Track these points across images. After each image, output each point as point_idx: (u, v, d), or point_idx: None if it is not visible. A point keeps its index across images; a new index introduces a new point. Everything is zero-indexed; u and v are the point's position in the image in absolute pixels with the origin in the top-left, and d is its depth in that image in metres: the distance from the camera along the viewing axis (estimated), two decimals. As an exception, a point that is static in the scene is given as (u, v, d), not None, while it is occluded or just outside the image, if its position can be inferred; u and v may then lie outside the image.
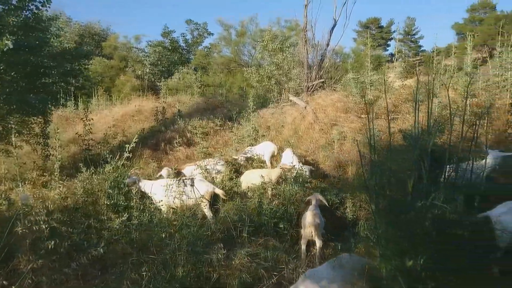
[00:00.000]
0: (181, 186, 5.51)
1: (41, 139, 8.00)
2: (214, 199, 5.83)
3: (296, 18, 22.23)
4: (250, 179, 6.48)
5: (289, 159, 7.14)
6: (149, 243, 4.51)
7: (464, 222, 2.76)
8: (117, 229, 4.92)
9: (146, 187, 5.88)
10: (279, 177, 6.38)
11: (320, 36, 20.27)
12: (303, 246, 4.55)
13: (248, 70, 14.29)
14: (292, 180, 6.08)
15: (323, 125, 9.65)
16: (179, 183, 5.53)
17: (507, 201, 4.02)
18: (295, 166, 6.46)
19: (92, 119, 8.83)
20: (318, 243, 4.50)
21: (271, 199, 5.71)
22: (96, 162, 6.96)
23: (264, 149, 8.26)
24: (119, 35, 25.31)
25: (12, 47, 6.12)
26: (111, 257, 4.49)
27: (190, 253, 4.11)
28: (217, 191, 5.80)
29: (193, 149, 9.73)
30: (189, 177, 6.22)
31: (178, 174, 6.73)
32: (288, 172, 6.34)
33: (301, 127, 9.93)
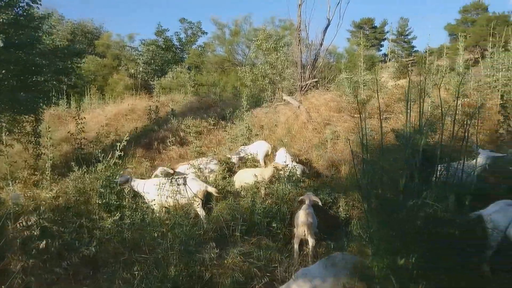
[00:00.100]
0: (173, 185, 5.49)
1: (33, 138, 7.88)
2: (207, 198, 5.82)
3: (290, 17, 22.39)
4: (243, 178, 6.48)
5: (282, 158, 7.15)
6: (141, 243, 4.49)
7: (455, 221, 2.78)
8: (109, 229, 4.88)
9: (138, 186, 5.83)
10: (272, 176, 6.38)
11: (313, 35, 20.38)
12: (296, 245, 4.55)
13: (242, 69, 14.34)
14: (285, 179, 6.09)
15: (316, 125, 9.67)
16: (172, 182, 5.50)
17: (498, 201, 4.06)
18: (288, 165, 6.47)
19: (84, 118, 8.76)
20: (311, 242, 4.51)
21: (264, 198, 5.71)
22: (88, 161, 6.93)
23: (258, 148, 8.27)
24: (112, 34, 24.98)
25: (2, 45, 6.06)
26: (102, 257, 4.46)
27: (182, 252, 4.09)
28: (210, 189, 5.78)
29: (186, 148, 9.69)
30: (182, 176, 6.18)
31: (174, 173, 6.68)
32: (281, 171, 6.34)
33: (295, 127, 9.94)
